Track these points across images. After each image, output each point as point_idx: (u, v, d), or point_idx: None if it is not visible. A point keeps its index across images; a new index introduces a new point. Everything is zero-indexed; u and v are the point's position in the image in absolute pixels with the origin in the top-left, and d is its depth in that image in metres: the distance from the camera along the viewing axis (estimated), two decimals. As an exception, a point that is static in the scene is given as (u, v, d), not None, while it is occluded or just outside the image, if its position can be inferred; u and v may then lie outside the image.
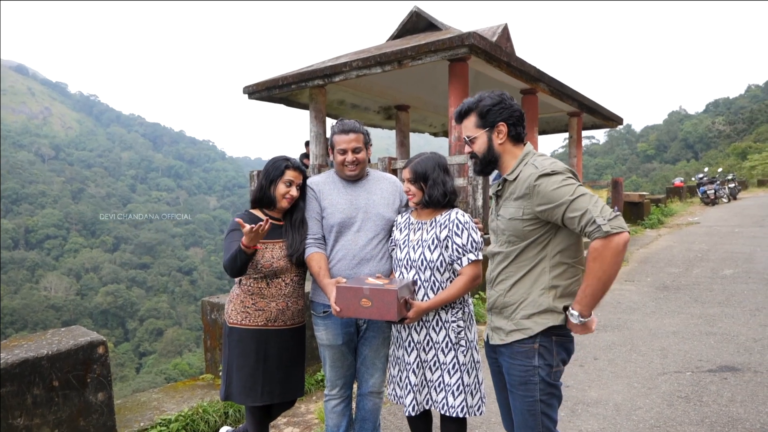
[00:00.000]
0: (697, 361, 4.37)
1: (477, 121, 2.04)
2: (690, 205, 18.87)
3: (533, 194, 1.89)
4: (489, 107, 2.01)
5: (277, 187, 2.51)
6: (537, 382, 1.97)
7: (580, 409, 3.55)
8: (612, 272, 1.79)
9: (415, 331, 2.41)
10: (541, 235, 1.95)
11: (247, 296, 2.51)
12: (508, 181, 2.02)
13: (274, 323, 2.53)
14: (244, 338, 2.50)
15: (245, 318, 2.50)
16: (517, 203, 1.96)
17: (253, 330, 2.50)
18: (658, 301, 6.41)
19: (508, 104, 2.01)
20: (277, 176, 2.50)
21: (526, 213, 1.93)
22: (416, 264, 2.40)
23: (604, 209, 1.77)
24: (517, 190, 1.96)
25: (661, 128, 78.16)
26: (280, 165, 2.52)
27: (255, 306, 2.50)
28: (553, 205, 1.84)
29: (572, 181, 1.85)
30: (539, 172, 1.88)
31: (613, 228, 1.74)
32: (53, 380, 2.88)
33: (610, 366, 4.34)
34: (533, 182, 1.88)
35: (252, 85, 9.81)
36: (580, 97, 11.27)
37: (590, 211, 1.77)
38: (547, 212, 1.88)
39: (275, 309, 2.53)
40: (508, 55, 8.14)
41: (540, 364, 1.97)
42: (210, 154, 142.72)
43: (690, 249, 9.96)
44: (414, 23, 9.97)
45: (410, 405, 2.40)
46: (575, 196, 1.81)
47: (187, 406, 3.51)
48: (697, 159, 59.32)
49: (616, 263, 1.77)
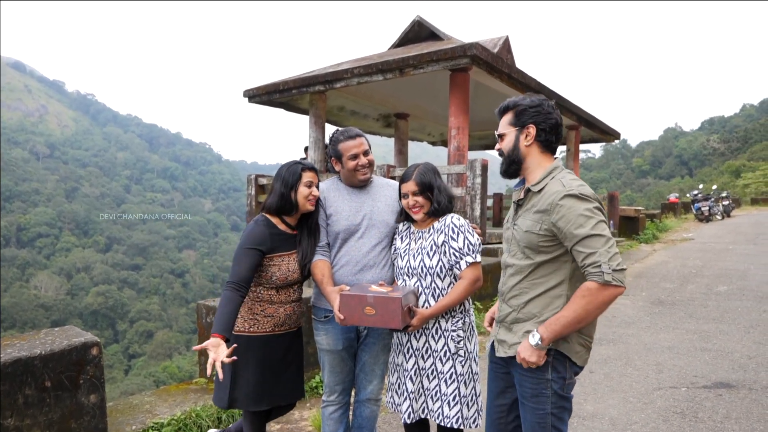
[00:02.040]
0: (692, 376, 4.37)
1: (511, 119, 2.03)
2: (684, 221, 18.97)
3: (553, 211, 1.85)
4: (525, 107, 2.00)
5: (298, 192, 2.46)
6: (549, 395, 1.93)
7: (576, 422, 3.53)
8: (592, 317, 1.80)
9: (415, 338, 2.40)
10: (557, 255, 1.91)
11: (256, 303, 2.48)
12: (532, 192, 1.98)
13: (281, 328, 2.52)
14: (252, 345, 2.46)
15: (253, 325, 2.47)
16: (536, 216, 1.93)
17: (261, 336, 2.47)
18: (653, 316, 6.42)
19: (545, 110, 1.99)
20: (295, 181, 2.46)
21: (543, 228, 1.90)
22: (417, 271, 2.39)
23: (614, 258, 1.75)
24: (539, 204, 1.92)
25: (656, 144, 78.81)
26: (296, 169, 2.48)
27: (264, 313, 2.48)
28: (567, 230, 1.82)
29: (597, 215, 1.82)
30: (566, 191, 1.85)
31: (614, 280, 1.73)
32: (45, 380, 2.84)
33: (606, 380, 4.33)
34: (558, 200, 1.85)
35: (253, 88, 9.82)
36: (579, 110, 11.34)
37: (600, 255, 1.75)
38: (559, 231, 1.85)
39: (283, 314, 2.52)
40: (509, 67, 8.19)
41: (553, 377, 1.93)
42: (206, 156, 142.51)
43: (685, 265, 9.99)
44: (416, 32, 10.02)
45: (406, 412, 2.39)
46: (593, 233, 1.77)
47: (180, 410, 3.47)
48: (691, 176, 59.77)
49: (600, 310, 1.79)
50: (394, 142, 12.55)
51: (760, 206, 27.47)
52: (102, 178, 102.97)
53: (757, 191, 35.72)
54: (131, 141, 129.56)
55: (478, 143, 15.33)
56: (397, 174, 7.73)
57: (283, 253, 2.46)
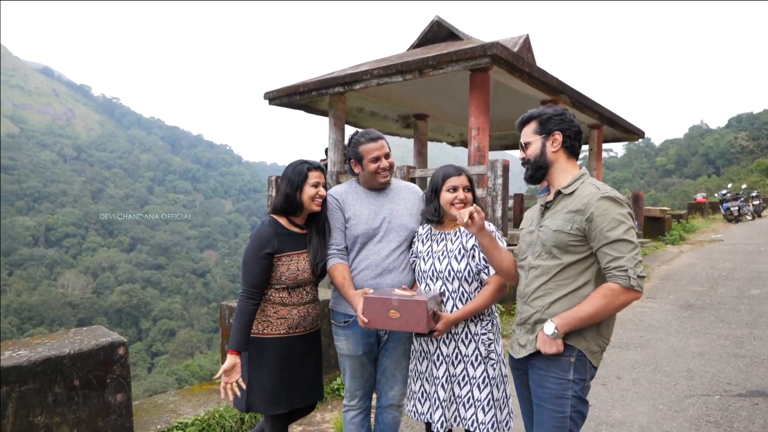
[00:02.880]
0: (725, 384, 4.24)
1: (536, 128, 2.11)
2: (712, 221, 18.53)
3: (587, 210, 1.92)
4: (550, 116, 2.09)
5: (303, 192, 2.45)
6: (569, 396, 1.94)
7: (604, 429, 3.45)
8: (607, 315, 1.90)
9: (444, 344, 2.35)
10: (585, 256, 1.95)
11: (269, 305, 2.46)
12: (563, 194, 2.04)
13: (295, 330, 2.49)
14: (267, 348, 2.45)
15: (267, 327, 2.45)
16: (567, 216, 1.97)
17: (276, 339, 2.46)
18: (681, 320, 6.26)
19: (568, 118, 2.09)
20: (301, 181, 2.45)
21: (574, 228, 1.94)
22: (443, 275, 2.35)
23: (639, 265, 1.84)
24: (571, 205, 1.98)
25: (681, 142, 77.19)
26: (302, 169, 2.47)
27: (277, 315, 2.46)
28: (599, 229, 1.89)
29: (630, 221, 1.90)
30: (602, 194, 1.92)
31: (636, 285, 1.83)
32: (74, 379, 2.87)
33: (634, 386, 4.23)
34: (594, 201, 1.91)
35: (273, 91, 9.86)
36: (601, 109, 11.15)
37: (627, 260, 1.83)
38: (590, 231, 1.91)
39: (297, 316, 2.49)
40: (530, 66, 8.08)
41: (575, 378, 1.94)
42: (227, 158, 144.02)
43: (714, 267, 9.75)
44: (435, 33, 9.95)
45: (439, 421, 2.34)
46: (624, 237, 1.85)
47: (204, 410, 3.49)
48: (718, 174, 58.41)
49: (616, 311, 1.90)
50: (414, 143, 12.49)
51: (790, 206, 26.70)
52: (126, 180, 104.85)
53: (788, 191, 34.74)
54: (154, 143, 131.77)
55: (498, 143, 15.19)
56: (417, 175, 7.69)
57: (291, 253, 2.44)
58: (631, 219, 1.91)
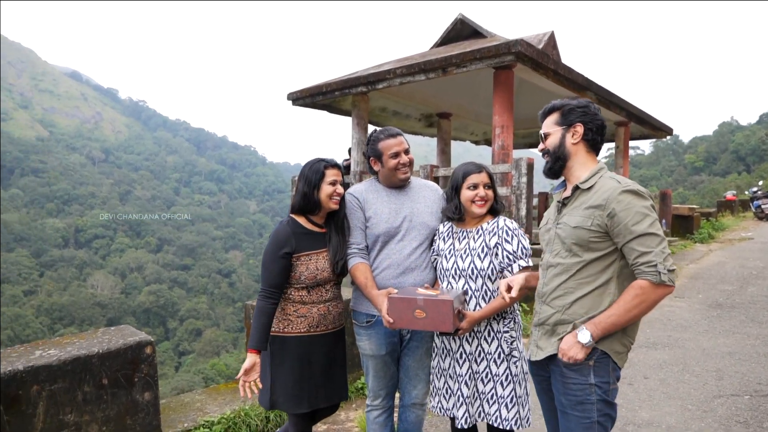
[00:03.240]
0: (755, 384, 4.14)
1: (557, 119, 2.05)
2: (742, 219, 18.04)
3: (609, 206, 1.84)
4: (573, 107, 2.02)
5: (321, 190, 2.45)
6: (594, 401, 1.87)
7: (631, 430, 3.40)
8: (641, 315, 1.83)
9: (467, 342, 2.35)
10: (606, 252, 1.89)
11: (288, 304, 2.47)
12: (581, 189, 1.97)
13: (316, 329, 2.49)
14: (288, 346, 2.46)
15: (287, 326, 2.46)
16: (587, 212, 1.90)
17: (296, 337, 2.47)
18: (710, 320, 6.12)
19: (592, 111, 2.02)
20: (318, 180, 2.45)
21: (594, 224, 1.87)
22: (466, 273, 2.35)
23: (668, 258, 1.78)
24: (591, 200, 1.90)
25: (710, 139, 75.33)
26: (318, 167, 2.47)
27: (297, 313, 2.46)
28: (623, 224, 1.81)
29: (653, 213, 1.84)
30: (623, 188, 1.85)
31: (668, 280, 1.77)
32: (103, 378, 2.94)
33: (662, 386, 4.15)
34: (616, 195, 1.84)
35: (296, 91, 9.94)
36: (628, 106, 10.97)
37: (656, 254, 1.77)
38: (613, 226, 1.83)
39: (317, 314, 2.49)
40: (555, 63, 7.99)
41: (597, 382, 1.87)
42: (251, 159, 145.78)
43: (744, 266, 9.50)
44: (458, 30, 9.92)
45: (463, 417, 2.34)
46: (650, 231, 1.79)
47: (230, 409, 3.53)
48: (749, 172, 56.83)
49: (650, 309, 1.82)
50: (437, 141, 12.46)
51: (826, 203, 25.85)
52: (153, 181, 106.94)
53: (823, 187, 33.64)
54: (180, 145, 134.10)
55: (522, 141, 15.05)
56: (440, 174, 7.67)
57: (311, 252, 2.45)
58: (654, 211, 1.84)
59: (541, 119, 2.14)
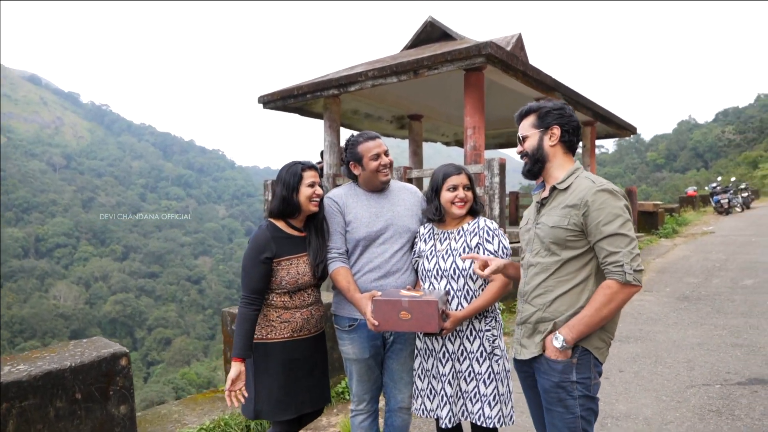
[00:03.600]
0: (725, 373, 4.27)
1: (534, 122, 2.10)
2: (704, 214, 18.68)
3: (584, 205, 1.89)
4: (550, 110, 2.07)
5: (300, 193, 2.44)
6: (577, 397, 1.92)
7: (610, 423, 3.47)
8: (612, 315, 1.88)
9: (450, 342, 2.36)
10: (584, 251, 1.93)
11: (271, 310, 2.44)
12: (558, 189, 2.01)
13: (300, 333, 2.47)
14: (272, 352, 2.43)
15: (271, 332, 2.43)
16: (564, 212, 1.95)
17: (280, 343, 2.44)
18: (679, 312, 6.30)
19: (568, 113, 2.07)
20: (297, 182, 2.44)
21: (571, 223, 1.92)
22: (448, 273, 2.36)
23: (635, 259, 1.83)
24: (568, 200, 1.96)
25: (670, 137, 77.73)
26: (296, 170, 2.46)
27: (280, 318, 2.43)
28: (595, 223, 1.87)
29: (626, 214, 1.89)
30: (598, 187, 1.90)
31: (635, 280, 1.82)
32: (76, 393, 2.84)
33: (637, 379, 4.25)
34: (591, 194, 1.89)
35: (267, 95, 9.84)
36: (594, 106, 11.22)
37: (623, 255, 1.82)
38: (586, 225, 1.89)
39: (300, 319, 2.47)
40: (524, 65, 8.11)
41: (579, 378, 1.93)
42: (219, 163, 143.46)
43: (707, 258, 9.82)
44: (429, 33, 9.98)
45: (446, 417, 2.35)
46: (620, 232, 1.84)
47: (209, 419, 3.47)
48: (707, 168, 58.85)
49: (618, 308, 1.87)
50: (409, 143, 12.50)
51: (780, 197, 26.97)
52: (117, 188, 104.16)
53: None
54: (145, 150, 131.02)
55: (491, 142, 15.22)
56: (414, 175, 7.69)
57: (291, 256, 2.43)
58: (627, 212, 1.89)
59: (517, 121, 2.17)
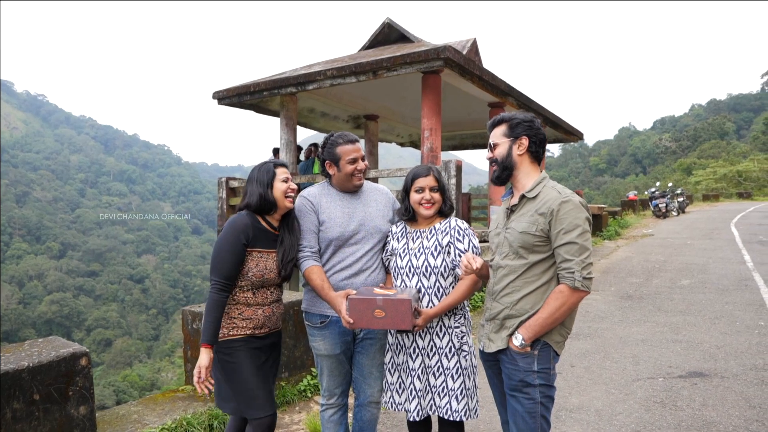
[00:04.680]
0: (667, 367, 4.56)
1: (505, 131, 2.23)
2: (643, 217, 19.67)
3: (550, 214, 2.05)
4: (520, 121, 2.21)
5: (275, 188, 2.45)
6: (537, 385, 2.09)
7: (564, 415, 3.64)
8: (563, 317, 2.05)
9: (420, 338, 2.44)
10: (548, 255, 2.09)
11: (232, 307, 2.43)
12: (527, 198, 2.16)
13: (260, 330, 2.46)
14: (235, 350, 2.41)
15: (232, 329, 2.41)
16: (532, 219, 2.10)
17: (242, 339, 2.42)
18: (623, 310, 6.65)
19: (536, 126, 2.22)
20: (271, 179, 2.45)
21: (538, 229, 2.07)
22: (420, 270, 2.43)
23: (587, 267, 2.00)
24: (536, 207, 2.11)
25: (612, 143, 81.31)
26: (269, 167, 2.48)
27: (241, 316, 2.42)
28: (556, 231, 2.04)
29: (585, 225, 2.04)
30: (563, 198, 2.06)
31: (583, 286, 1.99)
32: (34, 393, 2.75)
33: (587, 373, 4.47)
34: (557, 204, 2.05)
35: (222, 90, 9.65)
36: (545, 111, 11.61)
37: (576, 263, 1.99)
38: (550, 231, 2.05)
39: (262, 316, 2.46)
40: (480, 69, 8.32)
41: (539, 369, 2.09)
42: (165, 159, 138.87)
43: (648, 260, 10.38)
44: (386, 34, 10.05)
45: (415, 410, 2.42)
46: (576, 241, 2.00)
47: (170, 419, 3.41)
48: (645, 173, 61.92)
49: (569, 311, 2.05)
50: (365, 143, 12.54)
51: (711, 202, 28.76)
52: (54, 182, 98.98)
53: (708, 188, 37.37)
54: (85, 143, 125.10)
55: (446, 144, 15.49)
56: (372, 175, 7.75)
57: (263, 250, 2.44)
58: (588, 224, 2.05)
59: (489, 129, 2.31)
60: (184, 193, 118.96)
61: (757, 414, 3.57)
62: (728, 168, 40.63)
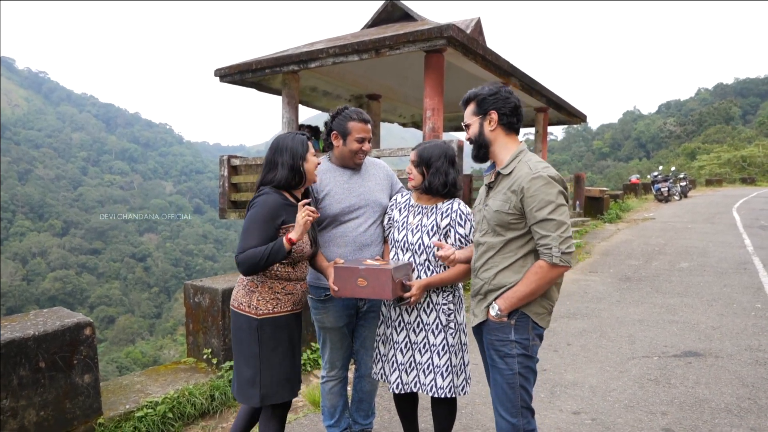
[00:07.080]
0: (662, 347, 4.62)
1: (474, 109, 2.20)
2: (645, 201, 19.64)
3: (521, 192, 2.03)
4: (485, 96, 2.16)
5: (307, 161, 2.37)
6: (515, 355, 2.10)
7: (559, 390, 3.71)
8: (541, 290, 2.04)
9: (407, 313, 2.47)
10: (524, 231, 2.07)
11: (275, 282, 2.33)
12: (502, 175, 2.14)
13: (298, 306, 2.41)
14: (280, 327, 2.32)
15: (276, 305, 2.31)
16: (505, 197, 2.08)
17: (285, 316, 2.35)
18: (621, 292, 6.70)
19: (503, 95, 2.15)
20: (305, 151, 2.37)
21: (512, 207, 2.06)
22: (413, 247, 2.46)
23: (565, 242, 1.97)
24: (509, 185, 2.08)
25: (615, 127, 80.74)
26: (303, 139, 2.39)
27: (284, 290, 2.34)
28: (529, 209, 2.01)
29: (559, 199, 2.00)
30: (533, 174, 2.02)
31: (561, 261, 1.96)
32: (39, 361, 2.81)
33: (583, 351, 4.54)
34: (527, 181, 2.01)
35: (224, 68, 9.60)
36: (547, 92, 11.54)
37: (553, 239, 1.96)
38: (524, 208, 2.03)
39: (300, 291, 2.41)
40: (483, 49, 8.26)
41: (517, 339, 2.10)
42: (166, 137, 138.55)
43: (648, 243, 10.41)
44: (389, 12, 9.95)
45: (395, 383, 2.46)
46: (550, 217, 1.97)
47: (173, 389, 3.47)
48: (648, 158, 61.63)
49: (548, 285, 2.04)
50: (367, 123, 12.51)
51: (714, 187, 28.66)
52: (57, 160, 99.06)
53: (711, 173, 37.23)
54: (87, 121, 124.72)
55: (448, 125, 15.43)
56: (372, 154, 7.75)
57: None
58: (561, 197, 2.00)
59: (462, 109, 2.27)
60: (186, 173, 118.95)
61: (749, 392, 3.63)
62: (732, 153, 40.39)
